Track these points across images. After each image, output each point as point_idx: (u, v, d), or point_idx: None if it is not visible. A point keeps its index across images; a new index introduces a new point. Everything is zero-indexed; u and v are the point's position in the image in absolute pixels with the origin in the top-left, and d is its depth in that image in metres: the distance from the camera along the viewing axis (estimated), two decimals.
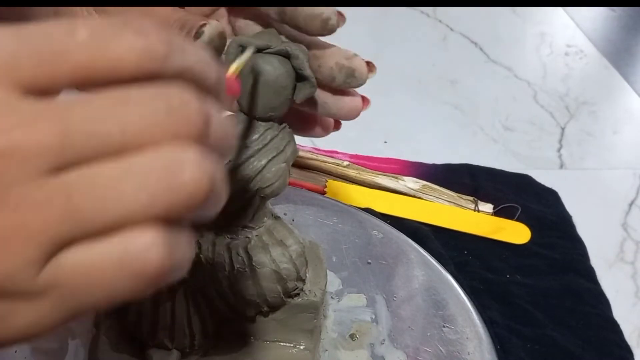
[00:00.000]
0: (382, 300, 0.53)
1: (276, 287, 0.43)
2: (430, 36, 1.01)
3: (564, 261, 0.67)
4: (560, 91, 0.94)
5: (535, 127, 0.88)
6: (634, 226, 0.75)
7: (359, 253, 0.56)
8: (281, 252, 0.43)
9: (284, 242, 0.43)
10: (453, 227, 0.69)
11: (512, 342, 0.59)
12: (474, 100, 0.90)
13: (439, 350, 0.50)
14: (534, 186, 0.76)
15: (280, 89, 0.39)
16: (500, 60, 0.98)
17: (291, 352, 0.46)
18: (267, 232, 0.43)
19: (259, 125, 0.40)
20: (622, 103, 0.96)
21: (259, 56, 0.38)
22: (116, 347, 0.45)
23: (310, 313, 0.45)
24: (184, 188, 0.22)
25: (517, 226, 0.69)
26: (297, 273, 0.43)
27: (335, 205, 0.59)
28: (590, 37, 1.05)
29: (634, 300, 0.68)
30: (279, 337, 0.46)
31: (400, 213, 0.68)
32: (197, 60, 0.24)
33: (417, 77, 0.92)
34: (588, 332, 0.61)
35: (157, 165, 0.22)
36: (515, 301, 0.63)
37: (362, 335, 0.51)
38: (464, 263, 0.65)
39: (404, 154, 0.77)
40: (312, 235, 0.54)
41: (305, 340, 0.46)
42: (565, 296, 0.64)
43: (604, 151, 0.86)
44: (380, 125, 0.79)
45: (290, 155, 0.41)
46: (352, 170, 0.71)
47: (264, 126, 0.40)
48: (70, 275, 0.22)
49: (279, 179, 0.41)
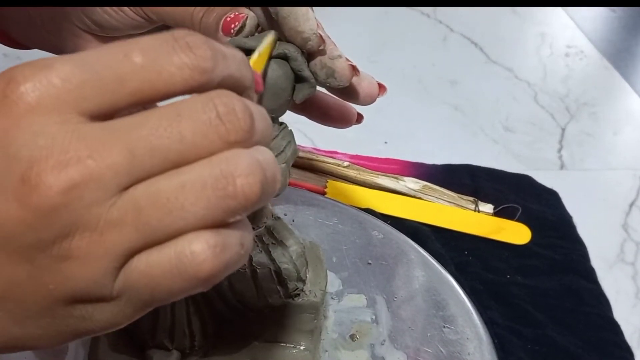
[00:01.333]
0: (382, 301, 0.53)
1: (276, 288, 0.43)
2: (430, 36, 1.01)
3: (565, 262, 0.67)
4: (560, 92, 0.94)
5: (535, 127, 0.87)
6: (634, 227, 0.75)
7: (359, 253, 0.56)
8: (281, 253, 0.43)
9: (284, 243, 0.43)
10: (453, 228, 0.68)
11: (513, 343, 0.59)
12: (474, 101, 0.90)
13: (439, 350, 0.50)
14: (534, 187, 0.76)
15: (280, 91, 0.39)
16: (500, 60, 0.98)
17: (291, 352, 0.46)
18: (267, 232, 0.43)
19: None
20: (622, 104, 0.96)
21: None
22: (116, 348, 0.45)
23: (310, 313, 0.45)
24: (238, 194, 0.25)
25: (518, 227, 0.69)
26: (297, 273, 0.43)
27: (335, 206, 0.59)
28: (591, 37, 1.05)
29: (634, 301, 0.68)
30: (279, 338, 0.46)
31: (400, 213, 0.68)
32: (237, 66, 0.26)
33: (417, 77, 0.92)
34: (588, 333, 0.61)
35: (213, 174, 0.24)
36: (516, 302, 0.63)
37: (362, 335, 0.51)
38: (464, 263, 0.65)
39: (404, 155, 0.77)
40: (312, 235, 0.54)
41: (305, 341, 0.46)
42: (566, 297, 0.64)
43: (604, 152, 0.86)
44: (380, 125, 0.79)
45: (290, 155, 0.41)
46: (352, 170, 0.71)
47: None
48: (138, 279, 0.25)
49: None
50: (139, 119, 0.24)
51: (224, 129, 0.25)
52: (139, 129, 0.24)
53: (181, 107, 0.25)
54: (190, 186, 0.24)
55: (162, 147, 0.24)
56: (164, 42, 0.25)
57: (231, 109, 0.25)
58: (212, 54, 0.25)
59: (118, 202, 0.24)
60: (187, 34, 0.25)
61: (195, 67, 0.25)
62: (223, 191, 0.24)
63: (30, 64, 0.24)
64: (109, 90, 0.24)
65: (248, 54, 0.39)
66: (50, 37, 0.44)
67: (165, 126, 0.24)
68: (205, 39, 0.25)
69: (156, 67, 0.24)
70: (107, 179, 0.23)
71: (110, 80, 0.24)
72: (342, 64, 0.39)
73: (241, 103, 0.25)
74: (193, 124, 0.24)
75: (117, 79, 0.24)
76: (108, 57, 0.24)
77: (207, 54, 0.25)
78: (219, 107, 0.25)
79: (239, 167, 0.25)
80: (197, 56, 0.25)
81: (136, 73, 0.24)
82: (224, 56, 0.26)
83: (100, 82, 0.24)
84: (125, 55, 0.24)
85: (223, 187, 0.24)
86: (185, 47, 0.25)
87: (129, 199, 0.24)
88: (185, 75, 0.25)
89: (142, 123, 0.24)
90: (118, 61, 0.24)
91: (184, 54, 0.25)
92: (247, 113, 0.25)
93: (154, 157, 0.24)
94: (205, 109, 0.25)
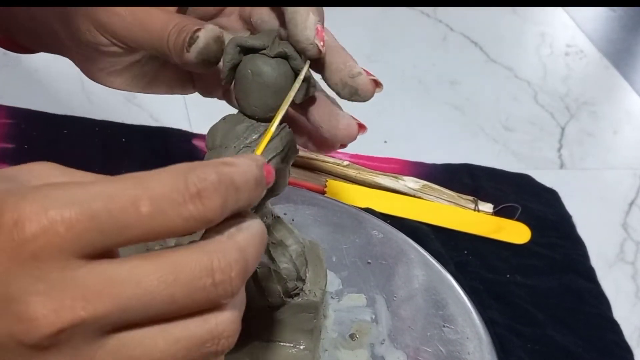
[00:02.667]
0: (382, 300, 0.53)
1: (276, 287, 0.43)
2: (430, 36, 1.00)
3: (564, 261, 0.67)
4: (560, 91, 0.94)
5: (535, 127, 0.87)
6: (634, 226, 0.75)
7: (359, 253, 0.56)
8: (281, 252, 0.43)
9: (284, 242, 0.43)
10: (453, 227, 0.68)
11: (512, 342, 0.59)
12: (474, 101, 0.90)
13: (439, 350, 0.50)
14: (534, 186, 0.76)
15: (280, 90, 0.39)
16: (500, 60, 0.98)
17: (291, 352, 0.46)
18: (267, 232, 0.43)
19: (259, 125, 0.40)
20: (622, 103, 0.96)
21: (257, 57, 0.38)
22: None
23: (310, 313, 0.45)
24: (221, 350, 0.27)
25: (517, 226, 0.69)
26: (297, 273, 0.43)
27: (335, 205, 0.59)
28: (591, 37, 1.05)
29: (634, 301, 0.68)
30: (279, 337, 0.46)
31: (400, 213, 0.68)
32: (248, 194, 0.28)
33: (417, 77, 0.92)
34: (588, 332, 0.61)
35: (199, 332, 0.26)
36: (516, 301, 0.63)
37: (362, 335, 0.51)
38: (464, 263, 0.65)
39: (404, 154, 0.77)
40: (312, 235, 0.54)
41: (305, 340, 0.46)
42: (565, 296, 0.64)
43: (604, 151, 0.86)
44: (380, 125, 0.79)
45: (290, 155, 0.41)
46: (352, 170, 0.71)
47: (264, 126, 0.40)
48: None
49: (279, 179, 0.41)
50: (136, 274, 0.25)
51: (215, 295, 0.26)
52: (134, 286, 0.25)
53: (179, 267, 0.26)
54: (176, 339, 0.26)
55: (153, 304, 0.25)
56: (174, 190, 0.25)
57: (227, 276, 0.26)
58: (221, 203, 0.26)
59: (105, 344, 0.25)
60: (200, 177, 0.26)
61: (202, 218, 0.26)
62: (207, 348, 0.27)
63: (37, 202, 0.24)
64: (111, 236, 0.25)
65: (249, 52, 0.39)
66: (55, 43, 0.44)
67: (160, 290, 0.25)
68: (220, 177, 0.26)
69: (163, 218, 0.25)
70: (97, 326, 0.25)
71: (114, 228, 0.25)
72: (363, 81, 0.39)
73: (239, 264, 0.26)
74: (187, 290, 0.26)
75: (121, 228, 0.25)
76: (116, 202, 0.25)
77: (216, 204, 0.26)
78: (216, 275, 0.26)
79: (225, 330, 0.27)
80: (206, 208, 0.26)
81: (141, 223, 0.25)
82: (236, 189, 0.27)
83: (103, 229, 0.25)
84: (133, 203, 0.25)
85: (207, 345, 0.27)
86: (195, 197, 0.25)
87: (115, 342, 0.26)
88: (189, 226, 0.26)
89: (138, 280, 0.25)
90: (124, 210, 0.25)
91: (192, 205, 0.25)
92: (241, 274, 0.27)
93: (143, 310, 0.25)
94: (202, 274, 0.26)
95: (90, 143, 0.69)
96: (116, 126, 0.72)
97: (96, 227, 0.25)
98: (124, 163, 0.68)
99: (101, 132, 0.71)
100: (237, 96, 0.40)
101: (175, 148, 0.71)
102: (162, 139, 0.72)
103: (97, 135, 0.70)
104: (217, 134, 0.40)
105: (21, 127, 0.69)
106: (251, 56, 0.38)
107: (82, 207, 0.25)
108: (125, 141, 0.70)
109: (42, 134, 0.69)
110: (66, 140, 0.69)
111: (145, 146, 0.70)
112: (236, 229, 0.28)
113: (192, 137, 0.73)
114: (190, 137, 0.73)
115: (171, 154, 0.70)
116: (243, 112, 0.40)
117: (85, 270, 0.25)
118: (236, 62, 0.39)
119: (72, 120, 0.71)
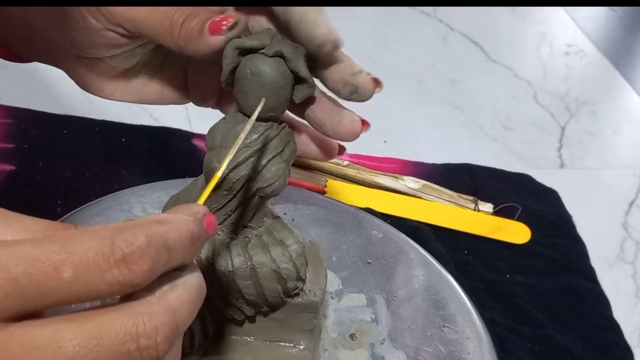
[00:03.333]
0: (382, 300, 0.53)
1: (276, 287, 0.43)
2: (430, 36, 1.01)
3: (564, 261, 0.67)
4: (560, 91, 0.94)
5: (535, 126, 0.88)
6: (634, 226, 0.75)
7: (359, 253, 0.56)
8: (281, 252, 0.43)
9: (284, 242, 0.43)
10: (453, 227, 0.68)
11: (512, 342, 0.59)
12: (474, 100, 0.90)
13: (439, 350, 0.50)
14: (534, 186, 0.76)
15: (279, 89, 0.39)
16: (500, 60, 0.98)
17: (291, 352, 0.46)
18: (267, 231, 0.43)
19: (259, 125, 0.40)
20: (622, 103, 0.96)
21: (256, 57, 0.38)
22: None
23: (310, 313, 0.45)
24: None
25: (517, 226, 0.69)
26: (297, 273, 0.43)
27: (335, 205, 0.59)
28: (591, 37, 1.05)
29: (634, 300, 0.68)
30: (279, 337, 0.46)
31: (400, 213, 0.68)
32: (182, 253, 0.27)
33: (417, 77, 0.92)
34: (588, 332, 0.61)
35: None
36: (516, 301, 0.63)
37: (362, 335, 0.51)
38: (464, 263, 0.65)
39: (404, 154, 0.77)
40: (312, 235, 0.54)
41: (305, 340, 0.46)
42: (566, 296, 0.64)
43: (604, 151, 0.86)
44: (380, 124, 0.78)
45: (290, 155, 0.41)
46: (352, 169, 0.71)
47: (264, 126, 0.40)
48: None
49: (279, 178, 0.41)
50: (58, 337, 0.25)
51: (139, 357, 0.25)
52: (55, 351, 0.24)
53: (102, 332, 0.25)
54: None
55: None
56: (99, 255, 0.25)
57: (153, 341, 0.25)
58: (149, 266, 0.25)
59: None
60: (127, 241, 0.25)
61: (127, 283, 0.25)
62: None
63: None
64: (33, 300, 0.25)
65: (248, 53, 0.39)
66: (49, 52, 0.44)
67: (82, 355, 0.24)
68: (149, 240, 0.25)
69: (85, 284, 0.25)
70: None
71: (36, 293, 0.24)
72: (364, 79, 0.39)
73: (166, 327, 0.26)
74: (111, 355, 0.25)
75: (43, 293, 0.24)
76: (38, 266, 0.24)
77: (142, 268, 0.25)
78: (141, 340, 0.25)
79: None
80: (132, 272, 0.25)
81: (63, 288, 0.25)
82: (168, 250, 0.26)
83: (25, 294, 0.24)
84: (55, 269, 0.24)
85: None
86: (121, 262, 0.25)
87: None
88: (114, 290, 0.25)
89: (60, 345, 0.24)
90: (46, 275, 0.24)
91: (118, 270, 0.25)
92: (169, 337, 0.26)
93: None
94: (127, 339, 0.25)
95: (90, 143, 0.69)
96: (116, 126, 0.72)
97: (17, 292, 0.24)
98: (124, 163, 0.68)
99: (101, 132, 0.71)
100: (237, 96, 0.40)
101: (175, 148, 0.71)
102: (162, 139, 0.72)
103: (97, 135, 0.70)
104: (217, 134, 0.40)
105: (21, 127, 0.69)
106: (250, 56, 0.38)
107: (3, 272, 0.24)
108: (125, 141, 0.70)
109: (42, 134, 0.69)
110: (66, 140, 0.69)
111: (145, 146, 0.70)
112: (170, 286, 0.27)
113: (192, 137, 0.73)
114: (190, 136, 0.73)
115: (171, 154, 0.70)
116: (243, 112, 0.40)
117: (5, 333, 0.25)
118: (235, 65, 0.39)
119: (72, 120, 0.71)
